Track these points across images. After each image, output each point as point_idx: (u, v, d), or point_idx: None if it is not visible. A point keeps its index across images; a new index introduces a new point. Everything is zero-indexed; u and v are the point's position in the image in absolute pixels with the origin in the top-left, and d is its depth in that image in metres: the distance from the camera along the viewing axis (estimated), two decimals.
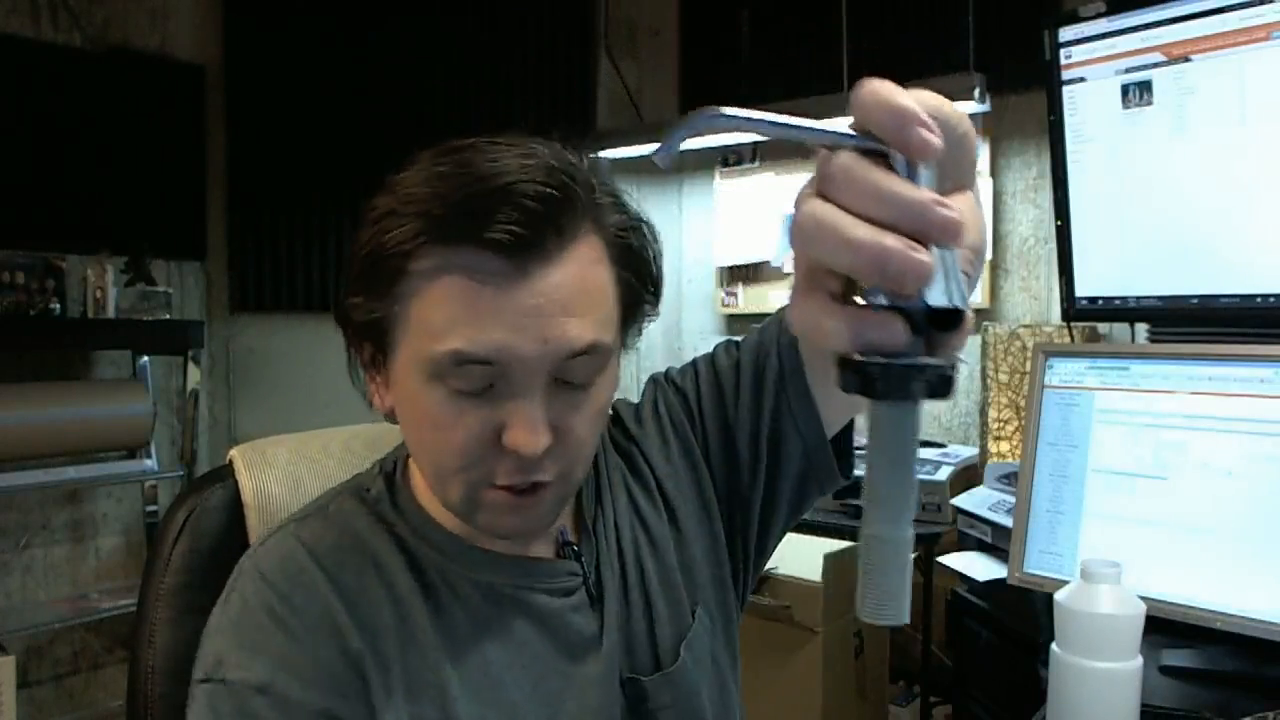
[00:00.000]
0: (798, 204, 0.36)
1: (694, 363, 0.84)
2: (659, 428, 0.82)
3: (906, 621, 0.38)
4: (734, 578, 0.82)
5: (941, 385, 0.35)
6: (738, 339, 0.83)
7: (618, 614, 0.74)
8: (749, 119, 0.35)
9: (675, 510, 0.80)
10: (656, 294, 0.73)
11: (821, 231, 0.34)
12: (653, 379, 0.86)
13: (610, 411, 0.85)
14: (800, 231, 0.35)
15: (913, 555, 0.38)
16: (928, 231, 0.33)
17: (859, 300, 0.36)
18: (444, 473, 0.66)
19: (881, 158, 0.35)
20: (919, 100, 0.35)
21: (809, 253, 0.35)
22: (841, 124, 0.36)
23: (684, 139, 0.36)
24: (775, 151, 3.09)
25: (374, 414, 0.73)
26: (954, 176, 0.40)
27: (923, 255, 0.33)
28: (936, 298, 0.35)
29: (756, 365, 0.79)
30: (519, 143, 0.64)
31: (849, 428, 0.80)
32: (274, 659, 0.63)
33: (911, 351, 0.35)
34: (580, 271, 0.64)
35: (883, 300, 0.35)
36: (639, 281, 0.70)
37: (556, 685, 0.70)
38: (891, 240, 0.33)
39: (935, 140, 0.34)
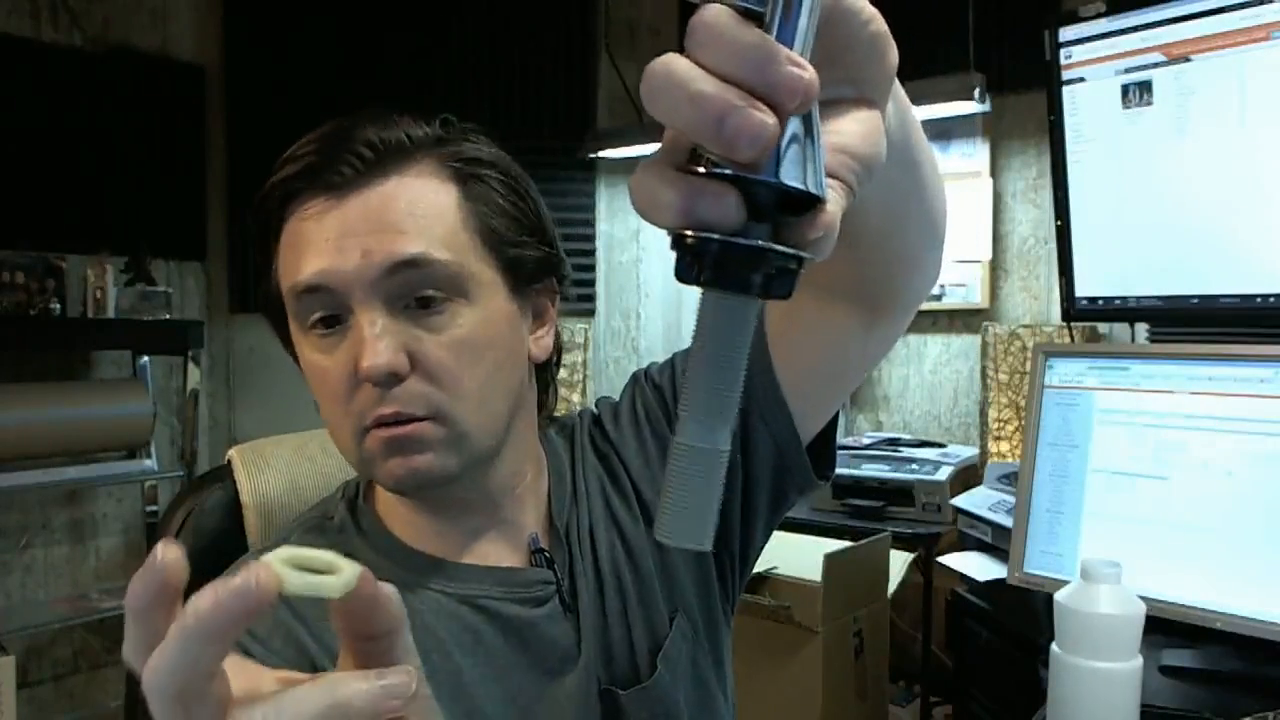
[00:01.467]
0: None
1: (673, 357, 0.82)
2: (636, 429, 0.80)
3: (708, 548, 0.34)
4: (720, 580, 0.79)
5: (779, 280, 0.31)
6: None
7: (595, 623, 0.72)
8: None
9: (653, 515, 0.77)
10: (538, 234, 0.72)
11: (668, 83, 0.30)
12: (634, 377, 0.83)
13: (593, 410, 0.84)
14: (647, 84, 0.31)
15: (724, 473, 0.34)
16: (772, 88, 0.29)
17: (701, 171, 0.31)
18: (336, 427, 0.67)
19: (758, 19, 0.31)
20: None
21: (652, 112, 0.31)
22: None
23: None
24: None
25: None
26: (857, 82, 0.36)
27: (765, 115, 0.29)
28: (790, 177, 0.31)
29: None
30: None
31: (830, 432, 0.77)
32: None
33: (752, 232, 0.31)
34: (404, 192, 0.65)
35: (726, 171, 0.30)
36: (499, 215, 0.69)
37: (531, 697, 0.68)
38: (734, 96, 0.29)
39: None
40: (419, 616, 0.68)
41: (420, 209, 0.65)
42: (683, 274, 0.32)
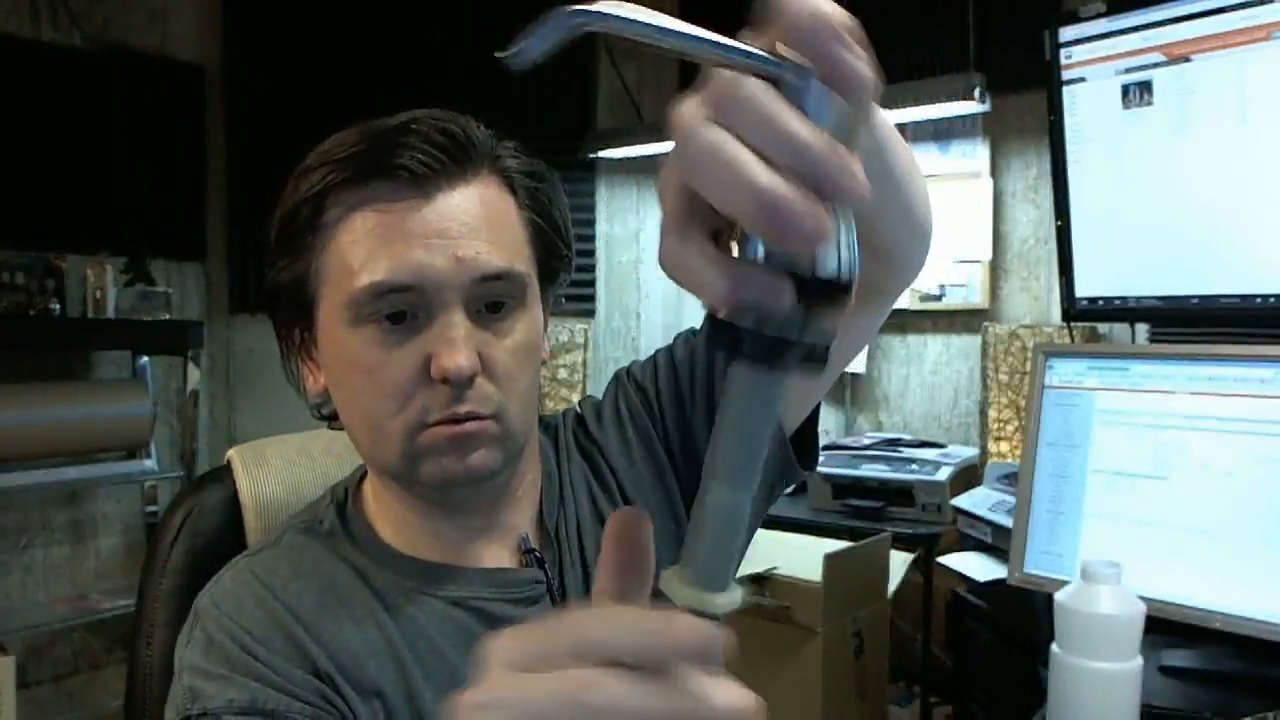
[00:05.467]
0: (688, 125, 0.31)
1: (655, 355, 0.83)
2: (619, 427, 0.80)
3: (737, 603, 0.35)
4: None
5: (814, 360, 0.32)
6: (698, 326, 0.81)
7: None
8: (628, 21, 0.30)
9: None
10: (568, 246, 0.75)
11: (718, 167, 0.30)
12: (616, 376, 0.84)
13: (577, 410, 0.85)
14: (692, 161, 0.30)
15: (744, 531, 0.36)
16: (825, 186, 0.29)
17: (738, 250, 0.31)
18: (380, 423, 0.66)
19: (776, 85, 0.30)
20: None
21: (698, 187, 0.30)
22: (751, 44, 0.31)
23: (549, 41, 0.31)
24: None
25: None
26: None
27: (824, 217, 0.29)
28: (825, 264, 0.31)
29: (709, 355, 0.77)
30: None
31: (813, 421, 0.78)
32: (252, 680, 0.63)
33: (790, 320, 0.31)
34: (484, 199, 0.67)
35: (762, 254, 0.31)
36: (549, 227, 0.72)
37: None
38: (793, 193, 0.29)
39: (868, 73, 0.30)
40: (414, 621, 0.68)
41: (498, 219, 0.68)
42: (718, 348, 0.32)
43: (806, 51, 0.30)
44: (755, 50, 0.31)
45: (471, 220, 0.65)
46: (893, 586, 2.12)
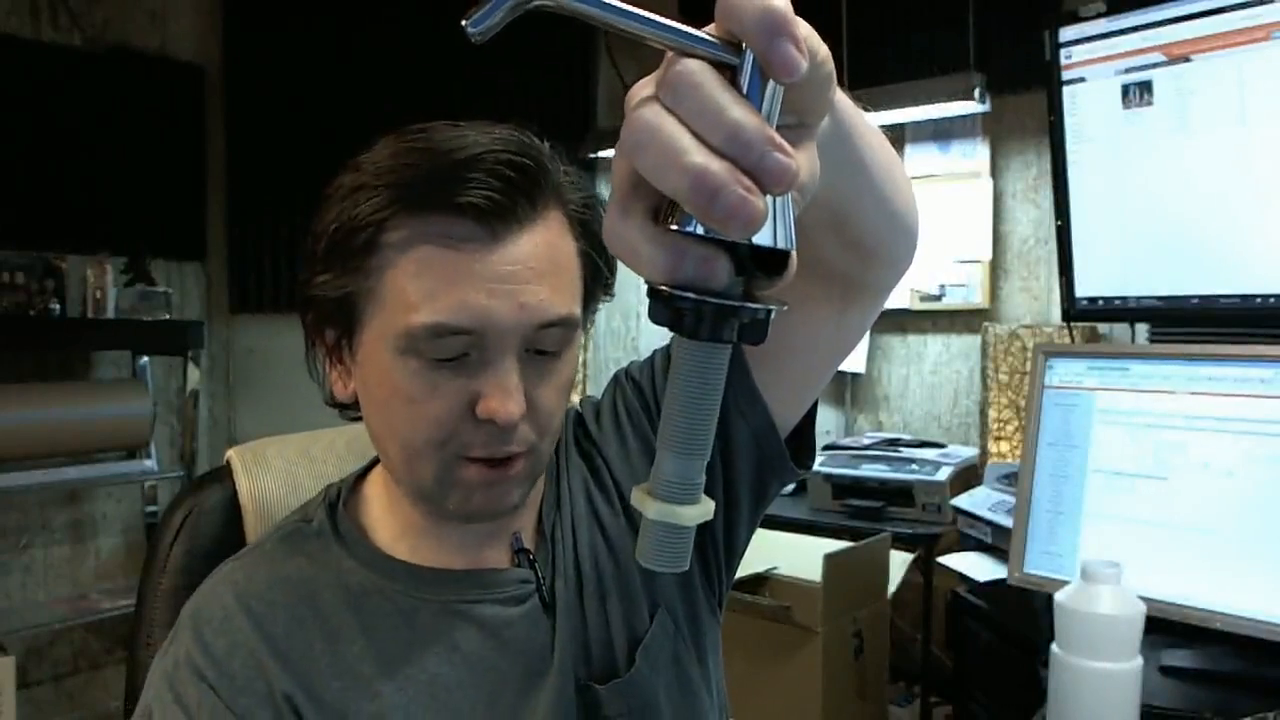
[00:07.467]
0: (633, 105, 0.33)
1: (653, 355, 0.83)
2: (617, 427, 0.80)
3: (685, 568, 0.37)
4: (705, 575, 0.79)
5: (755, 329, 0.33)
6: None
7: (572, 622, 0.72)
8: (578, 2, 0.31)
9: (633, 512, 0.77)
10: (612, 273, 0.74)
11: (655, 146, 0.31)
12: (615, 376, 0.84)
13: (577, 409, 0.85)
14: (632, 139, 0.32)
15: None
16: (759, 172, 0.31)
17: (674, 225, 0.32)
18: (416, 450, 0.66)
19: (730, 70, 0.32)
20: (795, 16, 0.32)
21: (636, 164, 0.32)
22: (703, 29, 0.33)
23: (497, 15, 0.33)
24: None
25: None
26: (800, 113, 0.36)
27: (756, 200, 0.30)
28: (762, 236, 0.32)
29: None
30: (480, 123, 0.66)
31: (810, 420, 0.78)
32: (197, 713, 0.64)
33: (729, 290, 0.33)
34: (550, 241, 0.66)
35: (703, 230, 0.32)
36: (597, 254, 0.72)
37: (509, 698, 0.69)
38: (726, 175, 0.30)
39: (801, 61, 0.31)
40: (394, 630, 0.68)
41: (560, 262, 0.67)
42: (659, 319, 0.33)
43: (750, 40, 0.32)
44: (702, 35, 0.32)
45: (538, 265, 0.64)
46: (893, 586, 2.12)
